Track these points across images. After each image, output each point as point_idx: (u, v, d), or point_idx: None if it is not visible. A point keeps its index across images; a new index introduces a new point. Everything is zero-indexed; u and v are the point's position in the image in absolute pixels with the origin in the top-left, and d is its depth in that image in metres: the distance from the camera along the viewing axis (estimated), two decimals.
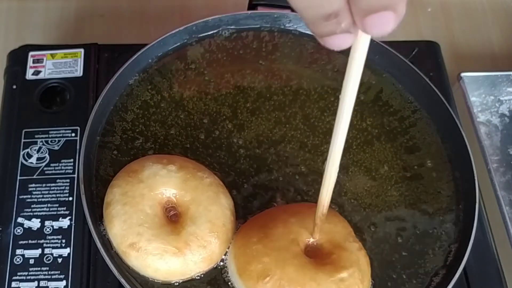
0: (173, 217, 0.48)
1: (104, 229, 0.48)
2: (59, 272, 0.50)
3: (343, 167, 0.55)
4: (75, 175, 0.55)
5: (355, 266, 0.45)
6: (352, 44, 0.30)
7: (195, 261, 0.46)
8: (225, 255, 0.48)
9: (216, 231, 0.47)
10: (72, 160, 0.55)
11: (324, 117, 0.57)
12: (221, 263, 0.48)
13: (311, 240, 0.46)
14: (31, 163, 0.55)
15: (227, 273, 0.48)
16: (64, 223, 0.52)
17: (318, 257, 0.46)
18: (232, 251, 0.48)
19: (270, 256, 0.45)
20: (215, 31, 0.61)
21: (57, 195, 0.54)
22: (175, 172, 0.48)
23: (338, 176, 0.54)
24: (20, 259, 0.51)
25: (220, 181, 0.51)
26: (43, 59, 0.61)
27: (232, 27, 0.61)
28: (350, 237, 0.48)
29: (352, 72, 0.32)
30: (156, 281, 0.47)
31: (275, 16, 0.61)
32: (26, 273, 0.50)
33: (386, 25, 0.27)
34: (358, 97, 0.56)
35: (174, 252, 0.46)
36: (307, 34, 0.62)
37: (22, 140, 0.56)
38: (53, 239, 0.52)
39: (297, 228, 0.46)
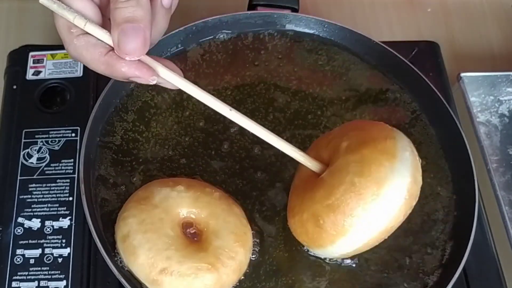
0: (193, 236, 0.48)
1: (121, 260, 0.47)
2: (59, 272, 0.50)
3: None
4: (75, 175, 0.55)
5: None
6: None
7: (227, 273, 0.46)
8: None
9: (240, 240, 0.47)
10: (72, 160, 0.55)
11: (324, 117, 0.58)
12: None
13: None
14: (32, 163, 0.55)
15: None
16: (64, 223, 0.52)
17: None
18: None
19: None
20: (215, 31, 0.61)
21: (57, 195, 0.54)
22: (185, 192, 0.48)
23: None
24: (20, 259, 0.51)
25: (225, 193, 0.51)
26: (43, 59, 0.61)
27: (232, 27, 0.61)
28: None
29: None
30: None
31: (275, 16, 0.62)
32: (26, 273, 0.50)
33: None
34: (357, 97, 0.56)
35: (208, 268, 0.45)
36: (307, 34, 0.62)
37: (23, 140, 0.56)
38: (53, 239, 0.52)
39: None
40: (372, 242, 0.44)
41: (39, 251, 0.51)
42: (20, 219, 0.52)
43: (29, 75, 0.60)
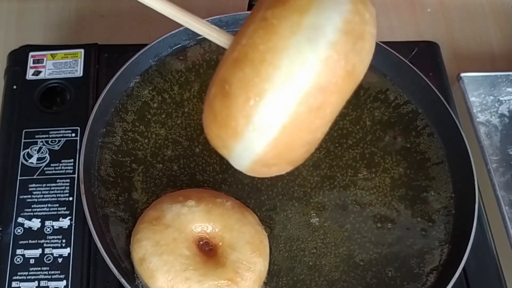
0: (209, 251, 0.47)
1: (142, 284, 0.47)
2: (59, 272, 0.50)
3: (344, 168, 0.55)
4: (75, 175, 0.55)
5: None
6: None
7: (248, 285, 0.46)
8: None
9: (256, 250, 0.47)
10: (72, 160, 0.55)
11: None
12: None
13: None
14: (32, 163, 0.55)
15: None
16: (64, 223, 0.52)
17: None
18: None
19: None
20: None
21: (57, 195, 0.54)
22: (196, 207, 0.48)
23: (338, 175, 0.55)
24: (20, 259, 0.51)
25: (237, 200, 0.51)
26: (43, 59, 0.61)
27: (232, 27, 0.61)
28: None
29: None
30: None
31: None
32: (26, 273, 0.50)
33: None
34: (357, 97, 0.57)
35: (228, 284, 0.45)
36: None
37: (23, 140, 0.56)
38: (53, 239, 0.52)
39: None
40: (300, 114, 0.31)
41: (39, 251, 0.51)
42: (20, 219, 0.52)
43: (29, 75, 0.60)
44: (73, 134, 0.57)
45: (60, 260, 0.51)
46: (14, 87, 0.59)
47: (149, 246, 0.46)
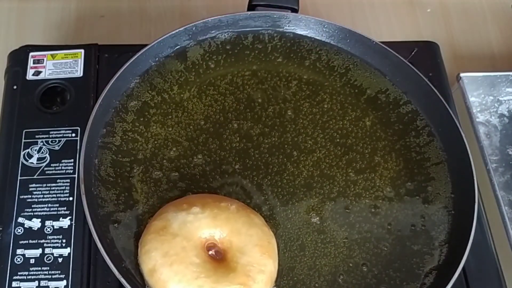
0: (218, 256, 0.47)
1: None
2: (59, 272, 0.50)
3: (344, 168, 0.55)
4: (76, 175, 0.55)
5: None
6: None
7: (260, 287, 0.46)
8: None
9: (265, 251, 0.47)
10: (72, 160, 0.55)
11: (324, 117, 0.58)
12: None
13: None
14: (32, 163, 0.55)
15: None
16: (65, 223, 0.53)
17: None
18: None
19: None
20: (214, 31, 0.61)
21: (58, 195, 0.54)
22: (202, 213, 0.47)
23: (338, 175, 0.55)
24: (20, 259, 0.51)
25: (241, 203, 0.51)
26: (43, 59, 0.61)
27: (232, 27, 0.61)
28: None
29: None
30: None
31: (275, 16, 0.62)
32: (26, 273, 0.50)
33: None
34: (356, 97, 0.57)
35: None
36: (307, 35, 0.62)
37: (23, 140, 0.56)
38: (54, 239, 0.52)
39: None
40: None
41: (39, 251, 0.51)
42: (20, 219, 0.52)
43: (29, 75, 0.60)
44: (73, 134, 0.57)
45: (60, 260, 0.51)
46: (14, 87, 0.59)
47: (158, 257, 0.46)
